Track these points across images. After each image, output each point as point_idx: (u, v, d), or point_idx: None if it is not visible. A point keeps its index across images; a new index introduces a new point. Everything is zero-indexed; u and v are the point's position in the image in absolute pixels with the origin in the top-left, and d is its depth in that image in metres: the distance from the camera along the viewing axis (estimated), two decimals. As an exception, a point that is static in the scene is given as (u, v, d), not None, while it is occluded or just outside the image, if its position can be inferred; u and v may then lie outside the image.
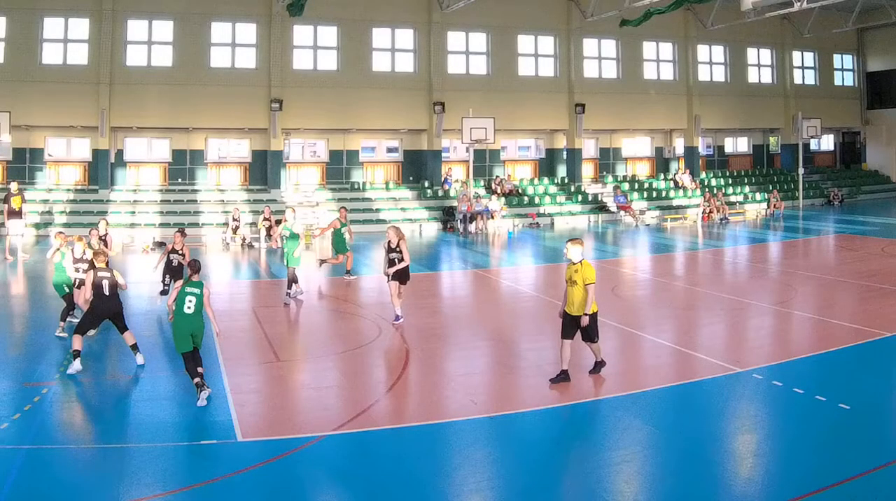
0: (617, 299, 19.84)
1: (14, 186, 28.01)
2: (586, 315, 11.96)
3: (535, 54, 41.26)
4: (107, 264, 13.78)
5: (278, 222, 31.67)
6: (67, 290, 15.89)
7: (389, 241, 16.72)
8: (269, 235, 31.11)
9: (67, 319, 15.72)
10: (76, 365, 12.68)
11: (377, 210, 37.54)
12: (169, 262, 17.80)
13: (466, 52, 40.32)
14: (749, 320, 17.49)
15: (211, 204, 36.62)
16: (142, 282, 20.96)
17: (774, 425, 10.73)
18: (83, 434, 10.68)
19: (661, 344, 15.03)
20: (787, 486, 8.60)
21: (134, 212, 35.31)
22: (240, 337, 15.81)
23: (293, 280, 19.61)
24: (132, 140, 38.41)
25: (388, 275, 16.66)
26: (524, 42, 41.09)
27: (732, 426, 10.78)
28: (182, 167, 38.55)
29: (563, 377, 11.97)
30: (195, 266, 12.37)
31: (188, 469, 9.38)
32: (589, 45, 41.96)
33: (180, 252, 17.76)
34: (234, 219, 31.84)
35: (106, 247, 18.47)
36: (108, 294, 13.26)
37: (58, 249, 16.22)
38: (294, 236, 19.94)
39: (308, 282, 21.45)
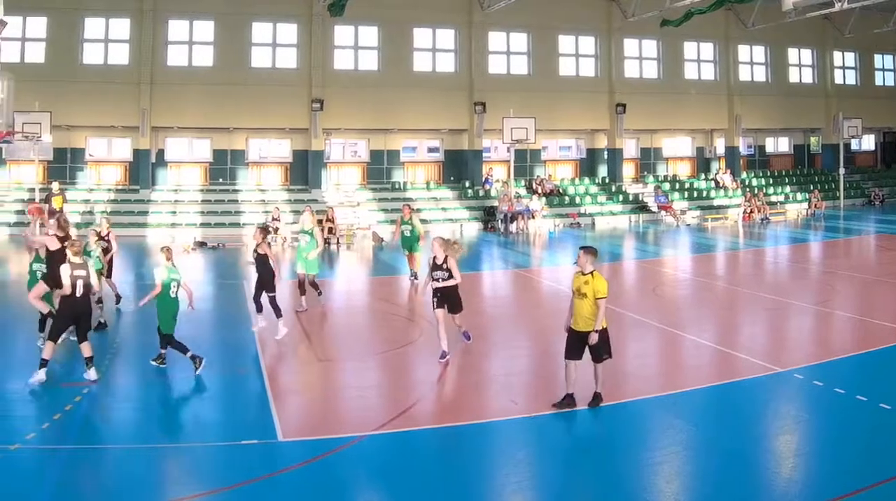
0: (658, 299, 19.80)
1: (55, 186, 27.87)
2: (595, 331, 10.74)
3: (576, 54, 40.66)
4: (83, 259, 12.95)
5: (319, 222, 31.64)
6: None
7: (435, 257, 13.53)
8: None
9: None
10: (40, 375, 11.75)
11: (418, 210, 36.38)
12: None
13: (507, 52, 39.75)
14: (790, 320, 17.27)
15: (252, 204, 36.27)
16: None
17: (815, 425, 10.57)
18: (124, 434, 10.47)
19: (702, 344, 14.79)
20: (827, 486, 8.46)
21: (175, 212, 35.05)
22: (282, 338, 15.57)
23: (313, 287, 17.98)
24: (173, 140, 38.14)
25: (434, 302, 13.42)
26: (565, 42, 40.50)
27: (773, 426, 10.59)
28: (223, 167, 38.22)
29: (567, 401, 10.77)
30: (170, 252, 13.06)
31: (229, 468, 9.24)
32: (630, 46, 41.34)
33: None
34: (275, 219, 31.60)
35: (108, 247, 17.44)
36: (79, 294, 12.15)
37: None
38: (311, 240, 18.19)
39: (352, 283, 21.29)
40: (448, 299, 13.42)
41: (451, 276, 13.35)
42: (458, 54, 39.06)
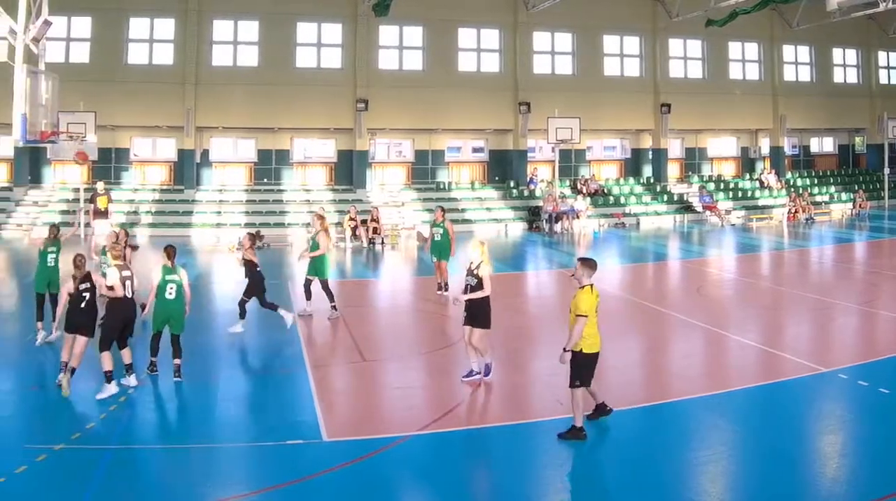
0: (702, 299, 19.78)
1: (101, 186, 27.63)
2: (565, 350, 9.67)
3: (621, 54, 40.06)
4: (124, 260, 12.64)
5: (364, 222, 31.47)
6: None
7: (471, 261, 12.22)
8: (354, 235, 30.76)
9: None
10: (111, 388, 11.35)
11: (463, 210, 36.49)
12: None
13: (552, 52, 39.19)
14: (834, 320, 17.11)
15: (296, 204, 35.84)
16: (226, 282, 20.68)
17: (860, 425, 10.50)
18: (169, 433, 10.53)
19: (747, 344, 14.65)
20: (872, 486, 8.40)
21: (220, 212, 34.71)
22: (325, 338, 15.79)
23: (326, 292, 17.06)
24: (218, 140, 37.81)
25: (464, 316, 12.11)
26: (610, 42, 39.91)
27: (818, 426, 10.55)
28: (268, 167, 37.85)
29: (574, 433, 9.73)
30: (171, 252, 12.58)
31: (274, 469, 9.24)
32: (674, 45, 40.69)
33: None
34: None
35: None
36: (130, 295, 11.97)
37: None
38: (315, 245, 17.33)
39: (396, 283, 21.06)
40: (470, 310, 11.94)
41: (479, 286, 11.85)
42: (502, 54, 38.50)
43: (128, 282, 11.87)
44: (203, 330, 16.30)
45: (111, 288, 11.87)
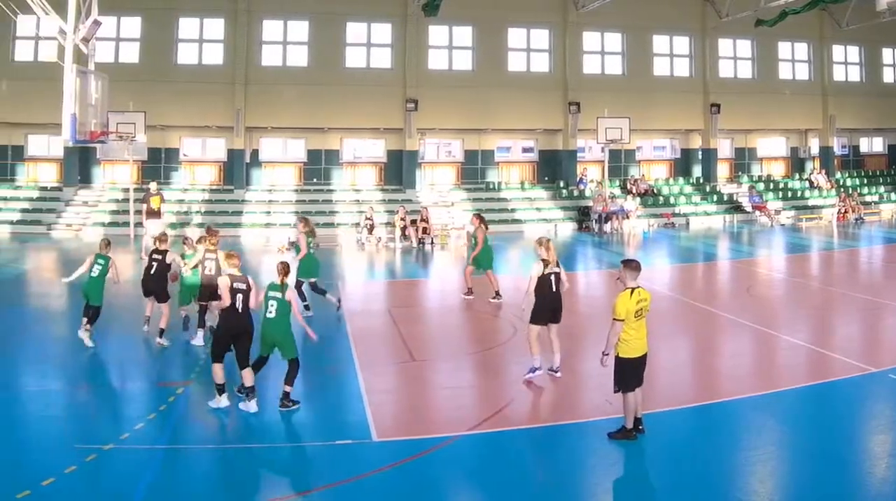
0: (752, 299, 19.51)
1: (153, 186, 27.52)
2: (604, 354, 9.56)
3: (671, 54, 39.42)
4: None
5: (413, 222, 31.26)
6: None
7: (545, 260, 12.27)
8: (403, 235, 30.55)
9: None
10: (223, 400, 10.90)
11: (512, 210, 36.10)
12: None
13: (602, 52, 38.67)
14: (884, 320, 16.89)
15: (346, 204, 35.55)
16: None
17: None
18: (218, 434, 10.36)
19: (796, 344, 14.52)
20: None
21: (269, 213, 34.43)
22: (375, 338, 15.65)
23: (315, 290, 17.12)
24: (267, 140, 37.52)
25: (549, 315, 12.25)
26: (659, 42, 39.29)
27: (868, 426, 10.42)
28: (317, 167, 37.55)
29: (624, 433, 9.66)
30: (283, 268, 11.14)
31: (323, 469, 9.17)
32: (724, 45, 39.98)
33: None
34: (368, 219, 31.14)
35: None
36: (240, 309, 10.95)
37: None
38: (297, 248, 17.49)
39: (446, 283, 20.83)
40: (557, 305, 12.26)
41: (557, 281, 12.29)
42: (552, 54, 37.95)
43: (239, 296, 10.79)
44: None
45: (219, 294, 11.19)
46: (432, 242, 30.40)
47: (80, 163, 35.84)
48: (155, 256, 14.86)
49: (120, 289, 17.22)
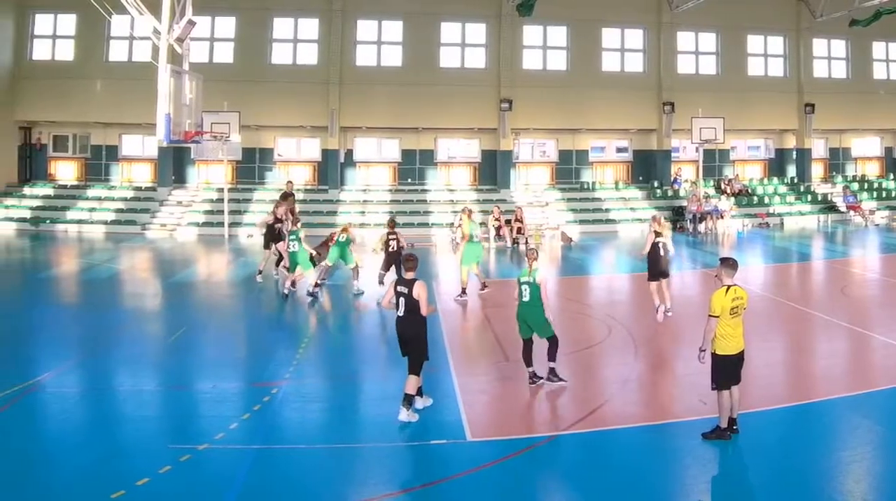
0: (846, 299, 19.19)
1: (290, 185, 27.91)
2: (700, 349, 9.62)
3: (765, 54, 38.49)
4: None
5: (507, 222, 30.86)
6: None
7: (657, 232, 16.48)
8: (498, 235, 30.12)
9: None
10: (409, 413, 10.32)
11: (607, 210, 35.29)
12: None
13: (696, 52, 37.82)
14: None
15: (440, 204, 34.95)
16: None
17: None
18: (312, 434, 10.21)
19: (891, 344, 14.16)
20: None
21: (363, 212, 33.86)
22: (470, 338, 15.83)
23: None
24: (361, 140, 37.06)
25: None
26: (754, 42, 38.42)
27: None
28: (411, 167, 37.04)
29: (718, 433, 9.58)
30: (530, 254, 12.12)
31: (417, 469, 9.17)
32: (818, 45, 38.99)
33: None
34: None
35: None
36: (400, 314, 10.57)
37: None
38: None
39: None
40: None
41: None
42: (646, 54, 37.19)
43: (401, 300, 10.45)
44: (348, 329, 16.96)
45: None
46: (526, 242, 29.93)
47: (174, 163, 35.58)
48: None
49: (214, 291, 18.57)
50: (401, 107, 35.40)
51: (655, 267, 16.29)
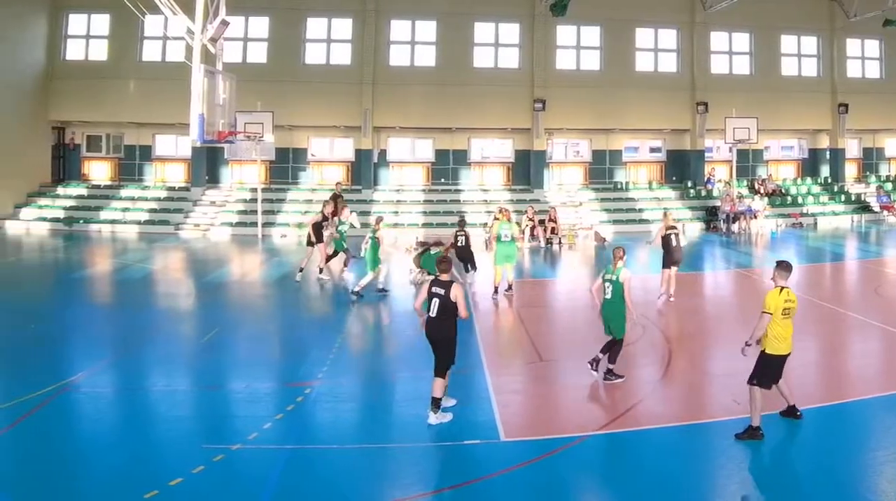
0: (880, 299, 19.01)
1: (339, 186, 27.89)
2: (746, 344, 9.75)
3: (798, 54, 38.21)
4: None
5: (541, 222, 30.72)
6: None
7: (667, 226, 18.49)
8: (532, 235, 29.99)
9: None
10: (439, 416, 10.23)
11: (640, 210, 35.11)
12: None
13: (730, 52, 37.58)
14: None
15: (474, 204, 34.74)
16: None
17: None
18: (345, 434, 10.13)
19: None
20: None
21: (397, 212, 33.70)
22: (503, 338, 15.86)
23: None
24: (395, 140, 36.91)
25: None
26: (787, 42, 38.12)
27: None
28: (445, 167, 36.89)
29: (751, 433, 9.54)
30: (619, 253, 12.11)
31: (451, 469, 9.11)
32: (852, 45, 38.69)
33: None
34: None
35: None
36: (433, 314, 10.36)
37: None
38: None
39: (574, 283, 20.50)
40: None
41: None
42: (679, 54, 36.94)
43: (435, 301, 10.24)
44: (382, 328, 17.08)
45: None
46: (560, 242, 29.82)
47: (207, 163, 35.49)
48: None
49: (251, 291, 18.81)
50: (434, 107, 35.27)
51: (669, 256, 17.98)
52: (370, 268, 18.60)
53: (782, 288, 9.71)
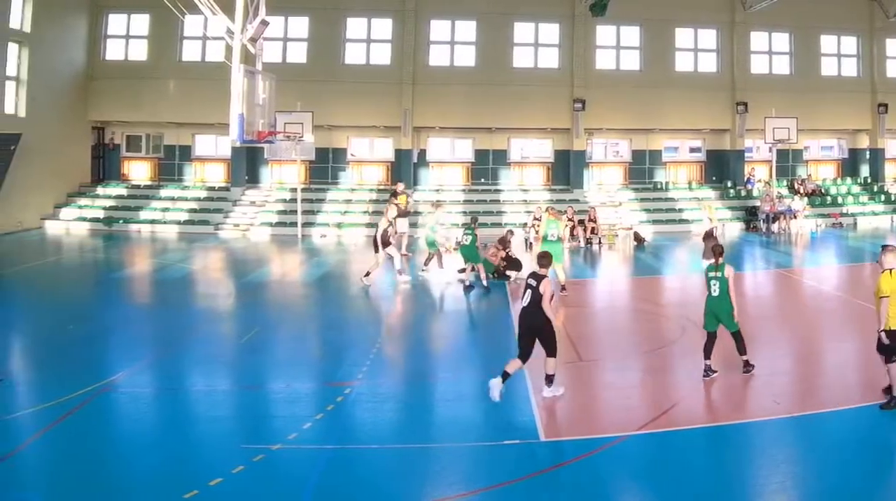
0: None
1: (401, 186, 27.77)
2: (879, 331, 10.32)
3: (838, 54, 37.85)
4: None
5: (581, 222, 30.66)
6: None
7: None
8: (572, 235, 29.85)
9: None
10: (551, 389, 11.04)
11: (680, 210, 34.82)
12: None
13: (769, 52, 37.23)
14: None
15: (513, 204, 34.59)
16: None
17: None
18: (385, 434, 10.12)
19: None
20: None
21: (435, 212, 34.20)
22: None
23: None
24: (435, 140, 36.74)
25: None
26: (827, 42, 37.81)
27: None
28: (485, 167, 36.68)
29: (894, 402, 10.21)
30: (717, 250, 12.22)
31: (490, 469, 9.00)
32: (892, 45, 38.26)
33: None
34: (536, 219, 30.56)
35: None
36: (525, 304, 11.00)
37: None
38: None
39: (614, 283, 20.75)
40: None
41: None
42: (719, 54, 36.64)
43: (528, 291, 10.92)
44: (422, 327, 16.92)
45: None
46: (600, 242, 29.69)
47: (247, 163, 35.43)
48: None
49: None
50: (474, 107, 35.03)
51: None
52: (472, 261, 19.69)
53: (892, 270, 10.21)
